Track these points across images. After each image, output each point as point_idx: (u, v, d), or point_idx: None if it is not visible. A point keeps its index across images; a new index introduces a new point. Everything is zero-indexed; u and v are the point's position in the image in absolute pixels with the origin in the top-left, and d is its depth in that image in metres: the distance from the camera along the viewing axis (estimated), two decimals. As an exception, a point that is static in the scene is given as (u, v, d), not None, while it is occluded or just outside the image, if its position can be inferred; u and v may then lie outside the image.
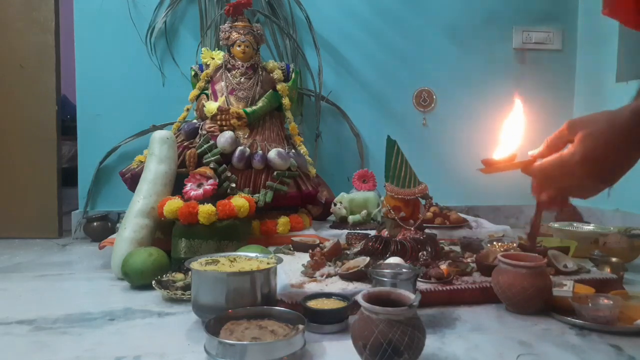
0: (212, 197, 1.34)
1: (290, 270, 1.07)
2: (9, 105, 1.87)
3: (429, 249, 1.12)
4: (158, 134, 1.43)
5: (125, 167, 1.63)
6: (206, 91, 1.71)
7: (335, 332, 0.85)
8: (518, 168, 0.71)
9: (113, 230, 1.74)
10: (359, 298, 0.70)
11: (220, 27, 1.71)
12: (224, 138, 1.50)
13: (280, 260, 0.95)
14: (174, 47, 1.94)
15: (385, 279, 0.89)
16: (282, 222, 1.49)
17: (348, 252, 1.17)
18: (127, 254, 1.18)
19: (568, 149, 0.64)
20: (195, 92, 1.71)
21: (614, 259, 1.17)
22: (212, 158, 1.47)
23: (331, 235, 1.48)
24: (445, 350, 0.78)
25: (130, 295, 1.11)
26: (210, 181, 1.39)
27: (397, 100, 2.10)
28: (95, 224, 1.81)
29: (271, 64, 1.74)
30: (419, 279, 1.01)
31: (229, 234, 1.28)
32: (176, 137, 1.53)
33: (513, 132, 0.75)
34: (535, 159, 0.69)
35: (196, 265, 0.90)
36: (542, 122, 1.98)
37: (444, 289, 0.99)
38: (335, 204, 1.67)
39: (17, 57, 1.86)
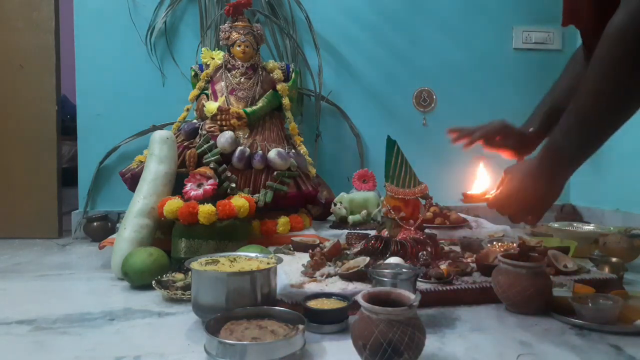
0: (212, 197, 1.34)
1: (290, 270, 1.07)
2: (9, 105, 1.87)
3: (429, 249, 1.12)
4: (158, 134, 1.43)
5: (125, 167, 1.63)
6: (206, 91, 1.70)
7: (335, 332, 0.85)
8: (484, 202, 0.96)
9: (113, 230, 1.75)
10: (359, 298, 0.70)
11: (220, 27, 1.71)
12: (224, 138, 1.50)
13: (280, 260, 0.95)
14: (174, 47, 1.94)
15: (385, 279, 0.89)
16: (282, 222, 1.49)
17: (348, 252, 1.17)
18: (127, 254, 1.18)
19: (499, 189, 0.90)
20: (195, 92, 1.71)
21: (614, 259, 1.17)
22: (212, 158, 1.47)
23: (331, 235, 1.48)
24: (445, 350, 0.78)
25: (130, 295, 1.11)
26: (210, 181, 1.39)
27: (397, 100, 2.10)
28: (95, 224, 1.82)
29: (271, 64, 1.74)
30: (419, 279, 1.01)
31: (229, 234, 1.28)
32: (176, 137, 1.53)
33: (482, 181, 1.03)
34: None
35: (196, 265, 0.90)
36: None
37: (444, 289, 0.99)
38: (335, 204, 1.67)
39: (17, 57, 1.86)
